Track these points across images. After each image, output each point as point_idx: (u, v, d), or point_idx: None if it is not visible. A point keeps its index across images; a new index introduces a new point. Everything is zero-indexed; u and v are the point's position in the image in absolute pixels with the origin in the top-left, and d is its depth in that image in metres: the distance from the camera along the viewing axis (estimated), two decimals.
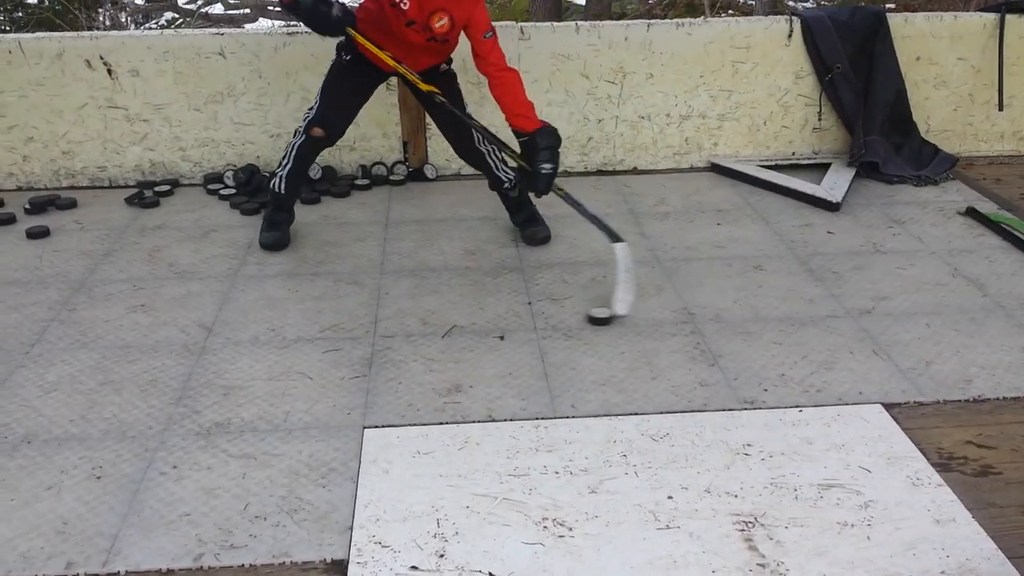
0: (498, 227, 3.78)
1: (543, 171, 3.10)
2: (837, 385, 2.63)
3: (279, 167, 3.48)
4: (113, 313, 3.08)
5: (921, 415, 2.50)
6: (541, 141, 3.10)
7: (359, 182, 4.25)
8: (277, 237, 3.51)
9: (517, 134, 3.18)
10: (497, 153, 3.44)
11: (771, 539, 2.03)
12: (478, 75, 4.15)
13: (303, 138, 3.37)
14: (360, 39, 3.14)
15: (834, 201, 3.93)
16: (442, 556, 1.98)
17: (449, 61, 3.42)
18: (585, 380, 2.66)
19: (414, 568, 1.95)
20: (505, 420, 2.47)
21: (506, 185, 3.52)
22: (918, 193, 4.13)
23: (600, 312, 2.97)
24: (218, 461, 2.31)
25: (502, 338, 2.81)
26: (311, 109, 3.36)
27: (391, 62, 3.15)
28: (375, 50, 3.14)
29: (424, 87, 3.22)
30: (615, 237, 3.10)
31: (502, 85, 3.15)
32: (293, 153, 3.41)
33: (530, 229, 3.58)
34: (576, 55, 4.21)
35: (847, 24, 4.28)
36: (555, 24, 4.21)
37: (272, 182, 3.49)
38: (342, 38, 3.22)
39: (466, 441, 2.37)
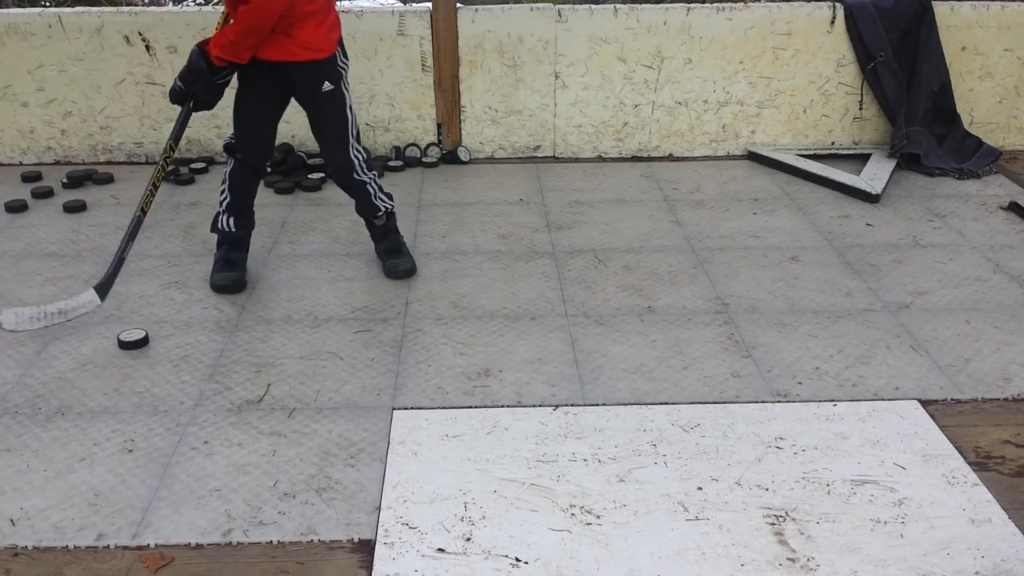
0: (531, 212, 3.75)
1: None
2: (873, 380, 2.58)
3: (219, 204, 3.10)
4: (148, 288, 3.10)
5: (959, 413, 2.45)
6: None
7: (392, 163, 4.24)
8: (236, 278, 3.09)
9: None
10: (378, 179, 3.15)
11: (802, 534, 2.00)
12: (514, 57, 4.15)
13: (231, 164, 3.05)
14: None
15: (874, 192, 3.86)
16: (469, 540, 1.98)
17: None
18: (615, 368, 2.64)
19: (441, 550, 1.95)
20: (534, 406, 2.46)
21: (380, 212, 3.18)
22: (960, 186, 4.05)
23: (129, 335, 2.74)
24: (249, 438, 2.33)
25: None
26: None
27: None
28: None
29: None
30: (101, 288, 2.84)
31: None
32: (227, 181, 3.06)
33: (391, 261, 3.21)
34: (614, 39, 4.17)
35: (891, 11, 4.19)
36: (593, 7, 4.16)
37: (218, 222, 3.11)
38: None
39: (495, 425, 2.37)
